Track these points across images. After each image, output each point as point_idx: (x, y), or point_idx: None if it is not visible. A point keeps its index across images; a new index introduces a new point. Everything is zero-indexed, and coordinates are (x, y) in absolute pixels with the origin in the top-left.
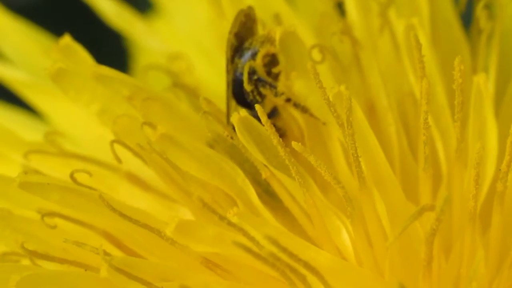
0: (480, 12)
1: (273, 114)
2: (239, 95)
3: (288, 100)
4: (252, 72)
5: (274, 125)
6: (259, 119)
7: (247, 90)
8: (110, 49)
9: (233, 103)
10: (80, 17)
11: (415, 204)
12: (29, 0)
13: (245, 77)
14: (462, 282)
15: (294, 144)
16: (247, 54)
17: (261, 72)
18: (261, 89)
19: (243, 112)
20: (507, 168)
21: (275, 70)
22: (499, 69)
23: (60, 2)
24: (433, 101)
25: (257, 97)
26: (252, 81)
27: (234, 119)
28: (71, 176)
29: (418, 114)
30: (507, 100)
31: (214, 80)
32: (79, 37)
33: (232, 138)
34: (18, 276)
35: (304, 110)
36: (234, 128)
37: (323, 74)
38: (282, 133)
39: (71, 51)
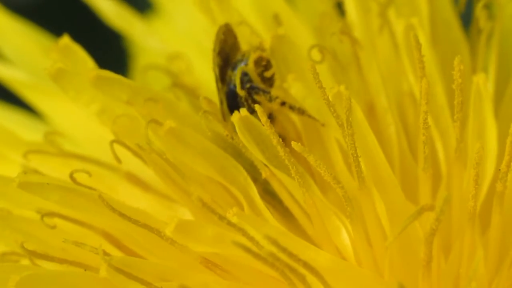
0: (479, 12)
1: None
2: (235, 107)
3: (283, 103)
4: (245, 81)
5: None
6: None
7: (241, 95)
8: (110, 49)
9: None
10: (80, 17)
11: (414, 204)
12: (29, 0)
13: (237, 82)
14: (462, 282)
15: (293, 144)
16: (240, 65)
17: (253, 76)
18: (255, 97)
19: (244, 111)
20: (506, 168)
21: (268, 74)
22: (499, 69)
23: (60, 2)
24: (433, 101)
25: (252, 106)
26: (245, 89)
27: (235, 118)
28: (71, 176)
29: (417, 114)
30: (506, 100)
31: (213, 80)
32: (79, 37)
33: (232, 138)
34: (18, 276)
35: (300, 111)
36: (234, 128)
37: (322, 74)
38: (281, 138)
39: (70, 51)
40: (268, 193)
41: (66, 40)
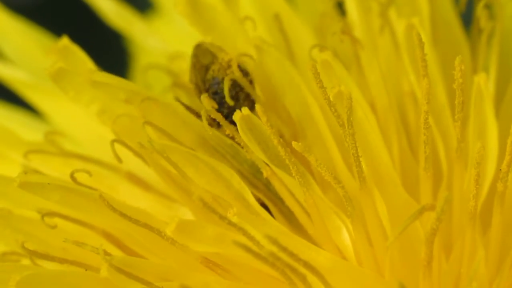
0: (480, 12)
1: (252, 109)
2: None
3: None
4: (214, 92)
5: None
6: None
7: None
8: (110, 49)
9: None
10: (80, 17)
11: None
12: (29, 0)
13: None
14: (463, 282)
15: (294, 144)
16: (214, 84)
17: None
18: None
19: (246, 110)
20: (507, 168)
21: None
22: (499, 69)
23: (60, 2)
24: (434, 101)
25: (230, 102)
26: (210, 96)
27: (237, 117)
28: (71, 176)
29: (418, 114)
30: (507, 100)
31: None
32: (79, 37)
33: (233, 138)
34: (18, 276)
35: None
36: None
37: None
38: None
39: (69, 52)
40: (271, 191)
41: (65, 41)
